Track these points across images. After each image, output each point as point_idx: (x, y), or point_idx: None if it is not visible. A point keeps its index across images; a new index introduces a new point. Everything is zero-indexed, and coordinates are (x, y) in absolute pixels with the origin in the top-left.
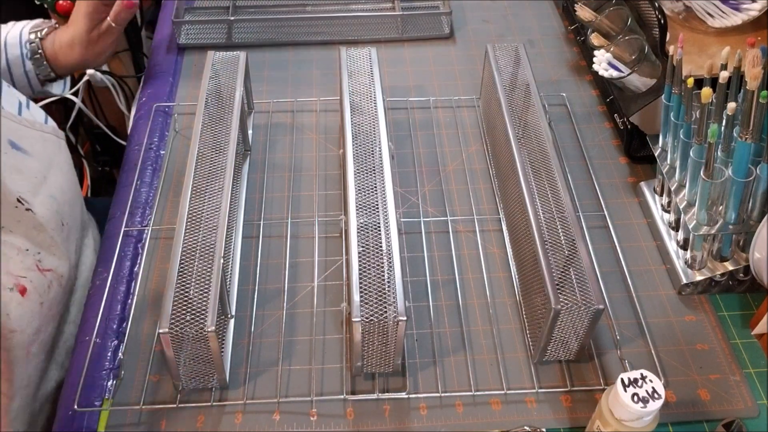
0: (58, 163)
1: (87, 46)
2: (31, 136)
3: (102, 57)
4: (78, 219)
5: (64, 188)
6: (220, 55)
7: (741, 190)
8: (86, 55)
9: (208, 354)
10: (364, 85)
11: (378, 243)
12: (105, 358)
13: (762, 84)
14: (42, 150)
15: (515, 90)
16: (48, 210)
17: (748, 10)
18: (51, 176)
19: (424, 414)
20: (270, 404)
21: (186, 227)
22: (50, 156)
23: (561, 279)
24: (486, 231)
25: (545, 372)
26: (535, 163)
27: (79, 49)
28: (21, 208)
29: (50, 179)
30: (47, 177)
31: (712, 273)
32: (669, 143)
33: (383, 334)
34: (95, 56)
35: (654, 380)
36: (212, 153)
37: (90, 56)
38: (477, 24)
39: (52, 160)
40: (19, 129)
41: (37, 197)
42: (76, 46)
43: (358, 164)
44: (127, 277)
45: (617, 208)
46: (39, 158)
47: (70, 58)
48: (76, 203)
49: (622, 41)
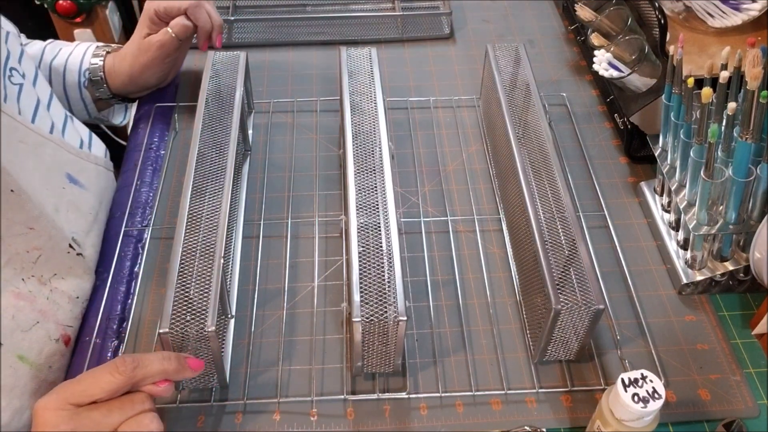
0: (107, 198)
1: (137, 54)
2: (87, 170)
3: (150, 72)
4: None
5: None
6: (220, 55)
7: (741, 190)
8: (134, 64)
9: (208, 354)
10: (364, 85)
11: (378, 243)
12: (105, 358)
13: (762, 84)
14: (96, 183)
15: (515, 90)
16: (95, 251)
17: (748, 10)
18: (101, 212)
19: (425, 414)
20: (270, 404)
21: (186, 227)
22: (102, 190)
23: (561, 279)
24: (486, 231)
25: (545, 372)
26: (535, 163)
27: (129, 58)
28: (72, 253)
29: (100, 215)
30: (98, 213)
31: (712, 273)
32: (669, 143)
33: (383, 334)
34: (142, 68)
35: (654, 380)
36: (212, 153)
37: (137, 67)
38: (477, 24)
39: (104, 195)
40: (77, 162)
41: (88, 237)
42: (128, 55)
43: (358, 164)
44: (127, 277)
45: (617, 208)
46: (94, 192)
47: (120, 69)
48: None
49: (623, 41)
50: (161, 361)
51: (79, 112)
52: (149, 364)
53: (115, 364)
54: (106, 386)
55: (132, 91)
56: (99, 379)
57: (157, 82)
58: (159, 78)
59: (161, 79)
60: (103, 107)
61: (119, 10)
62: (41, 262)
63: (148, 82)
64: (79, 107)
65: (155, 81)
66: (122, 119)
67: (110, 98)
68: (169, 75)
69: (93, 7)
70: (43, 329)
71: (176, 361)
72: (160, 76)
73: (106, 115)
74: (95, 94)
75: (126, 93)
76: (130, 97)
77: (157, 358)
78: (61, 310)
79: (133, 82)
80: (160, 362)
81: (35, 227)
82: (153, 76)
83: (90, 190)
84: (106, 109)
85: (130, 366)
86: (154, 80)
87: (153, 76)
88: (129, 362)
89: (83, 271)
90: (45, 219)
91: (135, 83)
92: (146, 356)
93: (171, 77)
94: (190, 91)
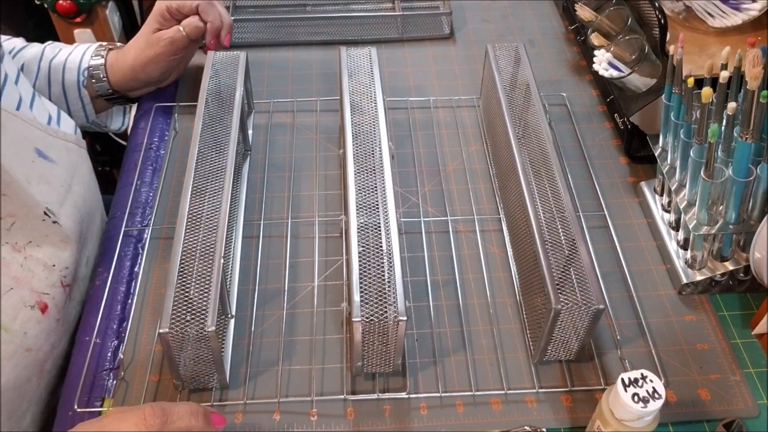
0: (80, 173)
1: (144, 47)
2: (57, 146)
3: (153, 66)
4: (97, 229)
5: (86, 198)
6: (220, 55)
7: (741, 189)
8: (139, 57)
9: (208, 354)
10: (364, 85)
11: (378, 243)
12: (105, 358)
13: (762, 84)
14: (67, 159)
15: (515, 90)
16: (72, 221)
17: (749, 10)
18: (75, 185)
19: (425, 414)
20: (270, 404)
21: (186, 227)
22: (74, 165)
23: (561, 279)
24: (486, 231)
25: (545, 372)
26: (535, 163)
27: (134, 51)
28: (48, 221)
29: (74, 188)
30: (72, 186)
31: (712, 273)
32: (669, 143)
33: (383, 334)
34: (146, 61)
35: (654, 380)
36: (212, 153)
37: (141, 60)
38: (477, 24)
39: (76, 170)
40: (45, 138)
41: (63, 208)
42: (132, 48)
43: (358, 164)
44: (127, 277)
45: (617, 208)
46: (64, 167)
47: (122, 62)
48: (97, 214)
49: (623, 41)
50: (189, 417)
51: (77, 113)
52: (178, 419)
53: (143, 415)
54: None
55: (132, 87)
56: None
57: (159, 78)
58: (161, 74)
59: (163, 77)
60: (101, 108)
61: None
62: (15, 229)
63: (150, 77)
64: (77, 108)
65: (157, 76)
66: (120, 125)
67: (109, 95)
68: (171, 74)
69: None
70: (17, 295)
71: (203, 418)
72: (164, 72)
73: (104, 120)
74: (94, 90)
75: (126, 89)
76: (129, 96)
77: (185, 413)
78: (36, 278)
79: (135, 77)
80: (188, 418)
81: (8, 194)
82: (156, 71)
83: (60, 165)
84: (104, 111)
85: (159, 420)
86: (156, 75)
87: (156, 71)
88: (159, 415)
89: (60, 239)
90: (17, 186)
91: (136, 78)
92: (175, 410)
93: (173, 77)
94: (190, 91)
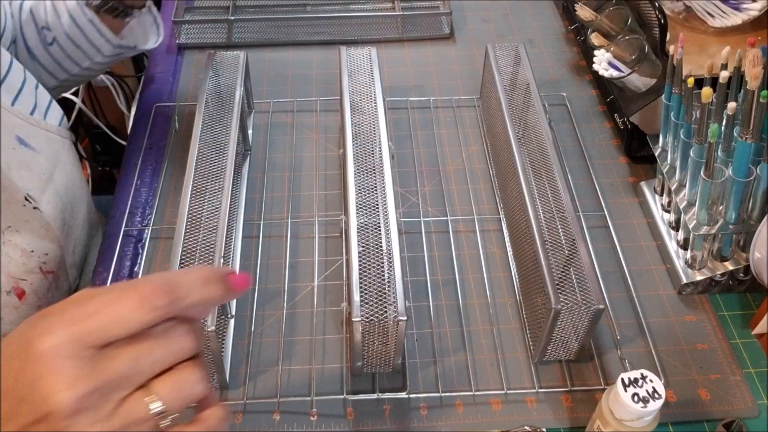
0: (62, 162)
1: None
2: (38, 135)
3: None
4: (82, 219)
5: (68, 187)
6: (220, 55)
7: (741, 189)
8: None
9: (208, 354)
10: (364, 84)
11: (378, 243)
12: None
13: (762, 84)
14: (48, 148)
15: (515, 90)
16: (54, 209)
17: (748, 10)
18: (57, 174)
19: (424, 414)
20: (270, 404)
21: (186, 227)
22: (56, 154)
23: (561, 279)
24: (486, 231)
25: (545, 372)
26: (535, 163)
27: None
28: (29, 207)
29: (56, 177)
30: (53, 175)
31: (712, 273)
32: (669, 143)
33: (383, 334)
34: None
35: (654, 380)
36: (212, 153)
37: None
38: (477, 24)
39: (58, 158)
40: (26, 126)
41: (44, 195)
42: None
43: (358, 164)
44: (127, 277)
45: (617, 208)
46: (46, 155)
47: None
48: (81, 203)
49: (622, 41)
50: (202, 287)
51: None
52: (189, 294)
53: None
54: (134, 325)
55: None
56: (122, 315)
57: None
58: None
59: None
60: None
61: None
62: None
63: None
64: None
65: None
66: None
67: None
68: None
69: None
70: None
71: (220, 285)
72: None
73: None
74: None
75: None
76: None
77: (197, 283)
78: (13, 263)
79: None
80: (201, 289)
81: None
82: None
83: (41, 153)
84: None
85: (165, 299)
86: None
87: None
88: (164, 292)
89: (41, 226)
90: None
91: None
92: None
93: None
94: (190, 91)
